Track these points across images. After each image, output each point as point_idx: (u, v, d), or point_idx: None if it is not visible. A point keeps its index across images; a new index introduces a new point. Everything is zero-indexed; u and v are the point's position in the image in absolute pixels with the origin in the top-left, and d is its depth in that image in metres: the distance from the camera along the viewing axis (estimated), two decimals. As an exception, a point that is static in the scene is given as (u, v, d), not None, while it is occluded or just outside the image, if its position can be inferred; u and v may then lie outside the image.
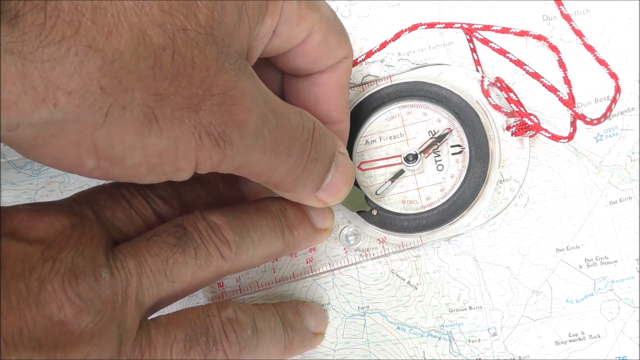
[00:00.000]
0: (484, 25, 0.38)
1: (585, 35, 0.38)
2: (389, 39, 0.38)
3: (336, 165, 0.31)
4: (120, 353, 0.26)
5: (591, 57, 0.38)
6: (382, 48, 0.38)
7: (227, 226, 0.30)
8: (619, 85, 0.37)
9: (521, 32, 0.38)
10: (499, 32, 0.38)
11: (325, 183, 0.31)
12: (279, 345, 0.32)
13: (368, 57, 0.38)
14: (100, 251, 0.27)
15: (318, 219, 0.34)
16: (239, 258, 0.30)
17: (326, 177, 0.31)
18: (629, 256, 0.36)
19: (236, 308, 0.30)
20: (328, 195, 0.32)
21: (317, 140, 0.30)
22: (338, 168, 0.31)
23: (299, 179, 0.30)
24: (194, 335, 0.28)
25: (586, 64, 0.38)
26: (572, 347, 0.35)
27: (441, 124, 0.38)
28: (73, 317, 0.25)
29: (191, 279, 0.29)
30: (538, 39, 0.38)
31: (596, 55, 0.38)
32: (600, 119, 0.36)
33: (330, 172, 0.31)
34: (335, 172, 0.31)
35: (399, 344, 0.36)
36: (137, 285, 0.27)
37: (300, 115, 0.29)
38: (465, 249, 0.37)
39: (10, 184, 0.39)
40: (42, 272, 0.25)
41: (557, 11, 0.39)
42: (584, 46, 0.38)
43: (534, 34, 0.38)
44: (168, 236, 0.29)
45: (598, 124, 0.36)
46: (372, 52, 0.38)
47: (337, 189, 0.32)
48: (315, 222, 0.35)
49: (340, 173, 0.32)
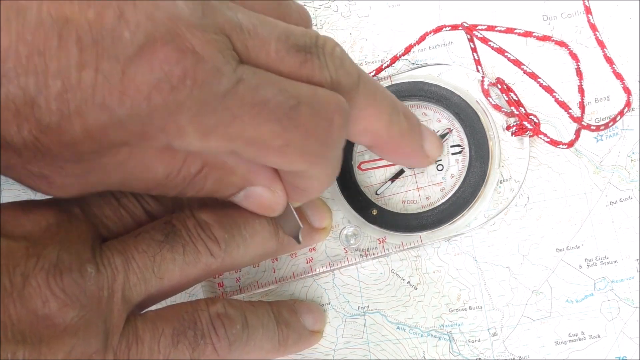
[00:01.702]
0: (507, 28, 0.38)
1: (607, 47, 0.38)
2: (413, 42, 0.38)
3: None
4: (107, 347, 0.26)
5: (599, 56, 0.38)
6: (407, 52, 0.38)
7: (216, 224, 0.30)
8: (630, 101, 0.37)
9: (543, 37, 0.38)
10: (521, 35, 0.38)
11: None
12: (272, 341, 0.32)
13: (393, 62, 0.39)
14: (87, 247, 0.27)
15: (315, 218, 0.34)
16: (229, 256, 0.30)
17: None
18: (629, 256, 0.36)
19: (226, 303, 0.30)
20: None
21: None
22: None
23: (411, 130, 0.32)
24: (181, 329, 0.28)
25: (586, 64, 0.38)
26: (572, 347, 0.35)
27: (441, 124, 0.38)
28: (58, 311, 0.25)
29: (180, 276, 0.29)
30: (560, 45, 0.38)
31: (614, 66, 0.38)
32: (600, 127, 0.36)
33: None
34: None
35: (399, 344, 0.36)
36: (123, 281, 0.27)
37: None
38: (465, 249, 0.37)
39: (11, 184, 0.39)
40: (26, 268, 0.25)
41: (558, 11, 0.39)
42: (604, 58, 0.38)
43: (556, 39, 0.38)
44: (156, 233, 0.29)
45: (597, 130, 0.36)
46: (397, 57, 0.38)
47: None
48: (313, 222, 0.34)
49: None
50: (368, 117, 0.29)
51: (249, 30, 0.25)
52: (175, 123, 0.24)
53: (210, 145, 0.25)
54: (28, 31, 0.22)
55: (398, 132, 0.31)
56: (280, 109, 0.25)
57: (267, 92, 0.25)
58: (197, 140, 0.25)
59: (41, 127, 0.23)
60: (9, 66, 0.22)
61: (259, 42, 0.25)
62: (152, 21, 0.23)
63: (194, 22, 0.23)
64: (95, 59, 0.22)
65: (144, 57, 0.23)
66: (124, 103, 0.23)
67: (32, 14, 0.22)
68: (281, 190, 0.30)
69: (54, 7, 0.22)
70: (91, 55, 0.22)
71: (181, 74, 0.23)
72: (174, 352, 0.28)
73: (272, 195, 0.30)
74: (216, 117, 0.24)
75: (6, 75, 0.22)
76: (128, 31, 0.22)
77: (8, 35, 0.21)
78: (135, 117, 0.23)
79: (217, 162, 0.28)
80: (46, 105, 0.22)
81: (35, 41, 0.22)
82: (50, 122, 0.22)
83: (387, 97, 0.30)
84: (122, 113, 0.23)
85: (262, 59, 0.26)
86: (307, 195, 0.31)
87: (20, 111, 0.22)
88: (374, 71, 0.39)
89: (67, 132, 0.23)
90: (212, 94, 0.24)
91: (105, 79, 0.22)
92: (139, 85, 0.23)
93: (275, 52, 0.26)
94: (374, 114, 0.30)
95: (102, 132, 0.23)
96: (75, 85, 0.22)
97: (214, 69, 0.24)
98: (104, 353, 0.26)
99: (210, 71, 0.23)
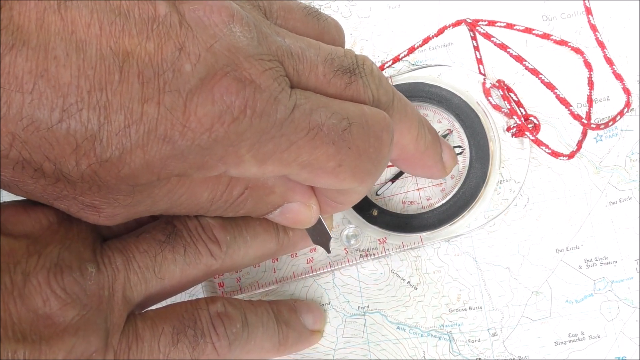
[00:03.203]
0: (526, 28, 0.38)
1: (607, 48, 0.38)
2: (416, 44, 0.38)
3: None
4: (107, 346, 0.26)
5: (599, 57, 0.38)
6: (410, 53, 0.39)
7: (218, 225, 0.30)
8: (629, 101, 0.37)
9: (544, 35, 0.38)
10: (539, 36, 0.38)
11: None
12: (273, 340, 0.32)
13: (395, 62, 0.39)
14: (87, 246, 0.27)
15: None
16: (230, 257, 0.30)
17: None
18: (629, 256, 0.36)
19: (226, 302, 0.30)
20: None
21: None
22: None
23: (434, 143, 0.33)
24: (181, 328, 0.28)
25: (585, 64, 0.38)
26: (572, 348, 0.35)
27: (442, 124, 0.38)
28: (58, 310, 0.25)
29: (180, 276, 0.29)
30: (576, 52, 0.38)
31: (614, 67, 0.38)
32: (600, 126, 0.36)
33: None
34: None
35: (399, 344, 0.36)
36: (124, 280, 0.27)
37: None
38: (465, 250, 0.37)
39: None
40: (27, 266, 0.25)
41: (558, 12, 0.39)
42: (604, 58, 0.38)
43: (573, 45, 0.38)
44: (157, 233, 0.29)
45: (597, 129, 0.36)
46: (399, 57, 0.38)
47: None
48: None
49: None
50: (400, 131, 0.30)
51: (298, 55, 0.26)
52: (235, 153, 0.24)
53: (266, 170, 0.25)
54: (89, 66, 0.22)
55: (424, 146, 0.32)
56: (333, 132, 0.25)
57: (321, 116, 0.25)
58: (254, 168, 0.25)
59: (101, 162, 0.23)
60: (71, 101, 0.22)
61: (308, 66, 0.26)
62: (212, 53, 0.23)
63: (251, 52, 0.24)
64: (158, 92, 0.22)
65: (205, 89, 0.23)
66: (186, 135, 0.23)
67: (92, 49, 0.22)
68: (316, 204, 0.30)
69: (113, 40, 0.22)
70: (153, 88, 0.22)
71: (242, 104, 0.23)
72: (173, 351, 0.28)
73: (308, 211, 0.30)
74: (273, 144, 0.24)
75: (67, 110, 0.22)
76: (189, 64, 0.23)
77: (69, 71, 0.21)
78: (196, 149, 0.23)
79: (258, 183, 0.28)
80: (107, 140, 0.22)
81: (96, 76, 0.22)
82: (111, 156, 0.23)
83: (415, 111, 0.31)
84: (184, 145, 0.23)
85: (311, 82, 0.26)
86: (341, 208, 0.31)
87: (81, 146, 0.22)
88: (391, 60, 0.38)
89: (127, 165, 0.23)
90: (270, 122, 0.24)
91: (167, 112, 0.22)
92: (201, 117, 0.23)
93: (323, 75, 0.26)
94: (405, 128, 0.30)
95: (162, 164, 0.23)
96: (137, 120, 0.22)
97: (272, 98, 0.24)
98: (104, 352, 0.26)
99: (268, 100, 0.24)
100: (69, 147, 0.22)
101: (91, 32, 0.22)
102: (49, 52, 0.21)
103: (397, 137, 0.30)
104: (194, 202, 0.27)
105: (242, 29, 0.24)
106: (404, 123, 0.30)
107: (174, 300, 0.31)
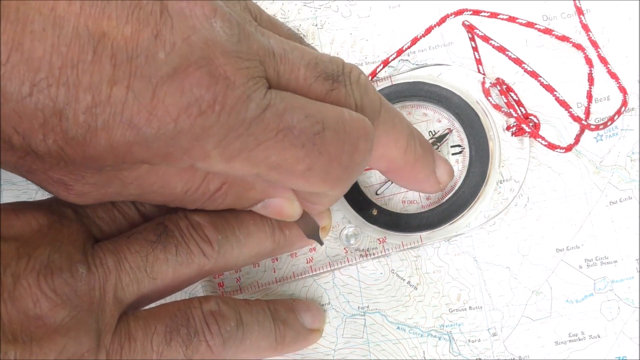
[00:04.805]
0: (527, 22, 0.37)
1: (601, 47, 0.38)
2: (434, 23, 0.38)
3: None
4: (99, 346, 0.26)
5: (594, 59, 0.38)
6: (413, 44, 0.38)
7: (209, 224, 0.30)
8: (626, 100, 0.37)
9: (545, 30, 0.38)
10: (541, 30, 0.38)
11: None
12: (269, 339, 0.32)
13: (399, 55, 0.39)
14: (78, 248, 0.27)
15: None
16: (223, 256, 0.30)
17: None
18: (629, 256, 0.36)
19: (219, 301, 0.30)
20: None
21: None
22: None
23: (425, 157, 0.32)
24: (174, 327, 0.28)
25: (585, 63, 0.38)
26: (572, 347, 0.35)
27: (441, 124, 0.38)
28: (49, 311, 0.25)
29: (173, 276, 0.29)
30: (578, 48, 0.38)
31: (608, 66, 0.38)
32: (600, 126, 0.36)
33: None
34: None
35: (399, 344, 0.36)
36: (115, 281, 0.27)
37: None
38: (465, 249, 0.37)
39: (11, 184, 0.39)
40: (17, 268, 0.25)
41: (558, 12, 0.39)
42: (599, 58, 0.38)
43: (574, 41, 0.38)
44: (149, 234, 0.29)
45: (597, 129, 0.36)
46: (403, 49, 0.38)
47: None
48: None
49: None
50: (387, 143, 0.30)
51: (280, 56, 0.26)
52: (201, 147, 0.24)
53: (234, 168, 0.25)
54: (63, 43, 0.22)
55: (413, 159, 0.31)
56: (304, 135, 0.25)
57: (293, 118, 0.25)
58: (221, 164, 0.25)
59: (67, 139, 0.23)
60: (41, 76, 0.22)
61: (289, 68, 0.26)
62: (188, 44, 0.23)
63: (229, 48, 0.24)
64: (128, 76, 0.22)
65: (176, 79, 0.23)
66: (151, 123, 0.23)
67: (69, 26, 0.22)
68: (297, 200, 0.31)
69: (91, 20, 0.22)
70: (124, 72, 0.22)
71: (211, 99, 0.23)
72: (167, 350, 0.28)
73: (290, 204, 0.30)
74: (241, 142, 0.24)
75: (38, 85, 0.22)
76: (163, 52, 0.23)
77: (43, 46, 0.22)
78: (161, 138, 0.23)
79: (237, 179, 0.28)
80: (74, 118, 0.22)
81: (69, 53, 0.22)
82: (76, 134, 0.23)
83: (405, 123, 0.31)
84: (148, 133, 0.23)
85: (291, 85, 0.26)
86: (318, 208, 0.32)
87: (48, 121, 0.22)
88: (381, 64, 0.38)
89: (92, 145, 0.23)
90: (239, 120, 0.24)
91: (135, 98, 0.22)
92: (168, 107, 0.23)
93: (304, 79, 0.26)
94: (392, 140, 0.30)
95: (126, 149, 0.23)
96: (104, 101, 0.22)
97: (244, 96, 0.24)
98: (96, 352, 0.26)
99: (240, 98, 0.24)
100: (36, 122, 0.22)
101: (71, 10, 0.22)
102: (26, 26, 0.21)
103: (384, 148, 0.30)
104: (168, 191, 0.27)
105: (223, 25, 0.24)
106: (390, 135, 0.30)
107: (171, 300, 0.31)
